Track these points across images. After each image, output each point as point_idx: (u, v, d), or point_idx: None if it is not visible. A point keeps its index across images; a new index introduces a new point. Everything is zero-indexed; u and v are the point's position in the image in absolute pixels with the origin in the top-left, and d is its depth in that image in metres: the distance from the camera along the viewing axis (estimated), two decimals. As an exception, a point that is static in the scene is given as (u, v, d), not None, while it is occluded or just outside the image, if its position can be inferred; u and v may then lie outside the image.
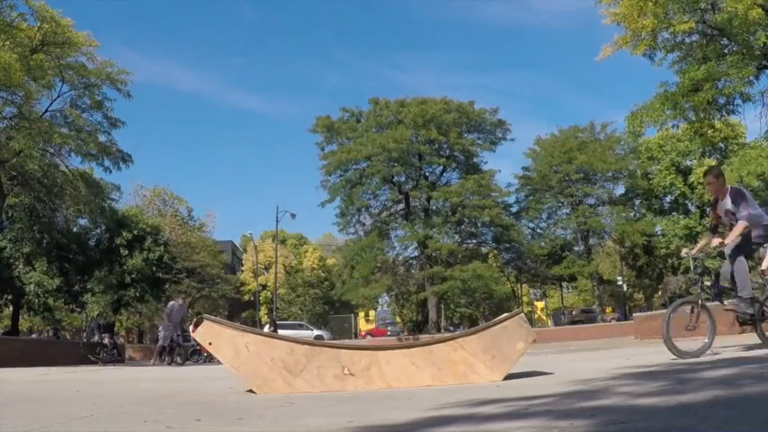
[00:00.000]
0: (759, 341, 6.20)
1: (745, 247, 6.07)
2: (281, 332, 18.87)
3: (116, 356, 20.70)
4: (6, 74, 19.68)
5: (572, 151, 40.56)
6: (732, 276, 6.03)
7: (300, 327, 40.31)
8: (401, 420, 2.82)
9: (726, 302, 6.07)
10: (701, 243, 6.40)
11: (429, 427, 2.60)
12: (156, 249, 32.36)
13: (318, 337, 32.43)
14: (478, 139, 41.24)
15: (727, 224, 6.19)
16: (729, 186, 6.18)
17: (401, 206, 40.94)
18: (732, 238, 5.92)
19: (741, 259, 5.95)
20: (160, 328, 22.03)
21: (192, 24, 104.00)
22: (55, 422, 3.15)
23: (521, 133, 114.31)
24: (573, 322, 41.01)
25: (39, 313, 32.46)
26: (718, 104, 14.04)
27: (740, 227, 5.87)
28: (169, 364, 15.67)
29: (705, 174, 6.50)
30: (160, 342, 17.01)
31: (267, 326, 28.67)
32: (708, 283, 6.15)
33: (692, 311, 5.91)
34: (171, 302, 17.70)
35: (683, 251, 6.45)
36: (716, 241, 6.08)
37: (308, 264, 62.07)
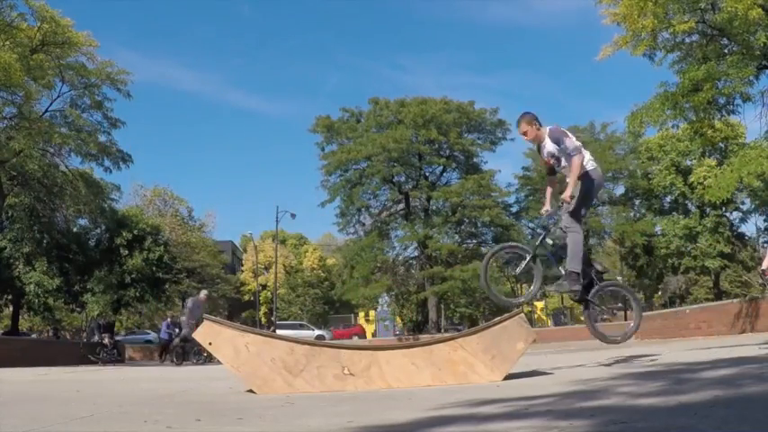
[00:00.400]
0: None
1: (585, 201, 5.35)
2: (280, 332, 18.80)
3: (116, 356, 20.72)
4: (6, 74, 19.68)
5: (572, 151, 40.52)
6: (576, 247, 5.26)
7: (301, 327, 40.32)
8: (401, 420, 2.82)
9: (551, 287, 5.45)
10: (548, 193, 5.71)
11: (429, 427, 2.60)
12: (156, 249, 32.36)
13: (320, 337, 32.45)
14: (478, 139, 41.26)
15: (556, 167, 5.50)
16: (548, 127, 5.48)
17: (401, 206, 40.96)
18: (574, 178, 5.16)
19: (576, 228, 5.24)
20: (163, 327, 22.02)
21: (191, 24, 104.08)
22: (55, 422, 3.15)
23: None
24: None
25: (39, 313, 32.47)
26: (718, 104, 14.01)
27: (577, 162, 5.17)
28: (179, 365, 15.55)
29: (518, 124, 5.62)
30: (185, 331, 16.45)
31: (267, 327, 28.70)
32: (549, 241, 5.45)
33: (520, 259, 5.41)
34: (192, 298, 17.19)
35: (542, 210, 5.62)
36: (566, 194, 5.26)
37: (308, 264, 62.08)
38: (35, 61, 22.92)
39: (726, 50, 13.91)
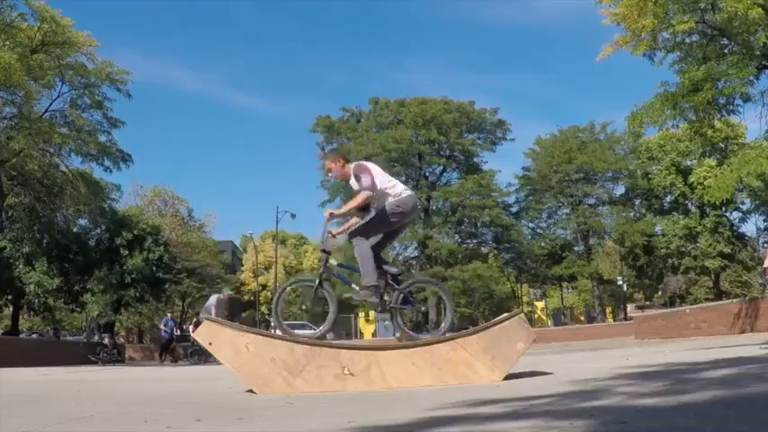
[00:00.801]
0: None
1: (374, 226, 5.20)
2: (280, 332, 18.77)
3: (116, 356, 20.71)
4: (6, 74, 19.68)
5: (572, 151, 40.59)
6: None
7: (303, 327, 40.27)
8: (401, 420, 2.82)
9: (353, 295, 5.35)
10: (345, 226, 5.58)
11: (429, 427, 2.60)
12: (156, 249, 32.32)
13: (321, 338, 32.35)
14: (478, 139, 41.30)
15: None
16: (352, 164, 5.36)
17: (401, 206, 40.94)
18: (344, 209, 5.22)
19: (360, 241, 5.14)
20: (162, 326, 22.01)
21: (192, 24, 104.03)
22: (55, 422, 3.15)
23: (521, 133, 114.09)
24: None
25: (39, 313, 32.40)
26: (718, 104, 13.99)
27: (359, 198, 5.17)
28: (195, 363, 15.90)
29: (324, 162, 5.53)
30: None
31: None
32: (333, 262, 5.39)
33: (314, 291, 5.27)
34: (213, 296, 17.11)
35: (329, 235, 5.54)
36: (328, 210, 5.28)
37: (308, 264, 62.07)
38: (35, 61, 22.92)
39: (726, 50, 13.88)
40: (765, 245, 35.71)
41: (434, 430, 2.55)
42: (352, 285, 5.32)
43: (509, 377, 4.62)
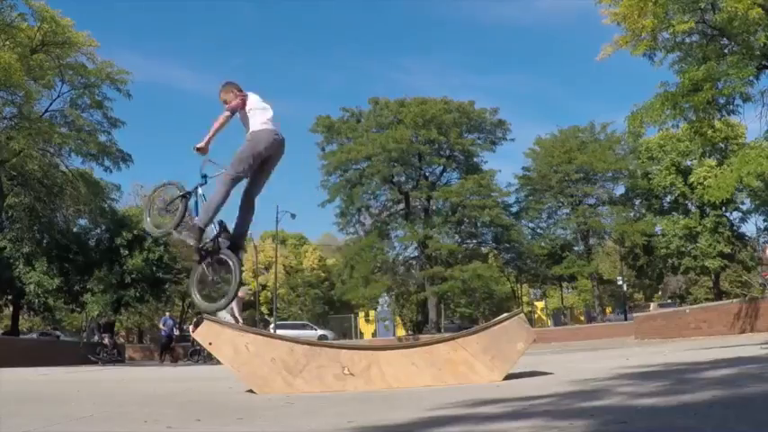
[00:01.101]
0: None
1: (232, 162, 4.97)
2: (282, 332, 18.85)
3: (116, 356, 20.71)
4: (6, 74, 19.69)
5: (572, 151, 40.59)
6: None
7: (304, 327, 40.23)
8: (401, 420, 2.82)
9: (179, 230, 5.23)
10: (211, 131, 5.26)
11: (429, 427, 2.61)
12: (156, 249, 32.32)
13: (322, 337, 32.36)
14: (478, 139, 41.28)
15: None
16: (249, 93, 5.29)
17: (401, 206, 40.94)
18: (207, 136, 5.00)
19: (223, 179, 4.96)
20: (161, 325, 22.02)
21: (192, 25, 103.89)
22: (55, 422, 3.15)
23: (521, 133, 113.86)
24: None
25: (39, 313, 32.36)
26: (718, 104, 13.98)
27: (219, 118, 5.04)
28: (197, 363, 16.03)
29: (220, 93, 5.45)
30: None
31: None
32: (200, 191, 5.24)
33: (175, 199, 5.21)
34: None
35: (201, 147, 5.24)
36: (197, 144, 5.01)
37: (308, 264, 62.03)
38: (35, 61, 22.94)
39: (726, 50, 13.88)
40: (765, 245, 35.71)
41: (434, 430, 2.55)
42: (195, 219, 5.15)
43: (509, 377, 4.62)
